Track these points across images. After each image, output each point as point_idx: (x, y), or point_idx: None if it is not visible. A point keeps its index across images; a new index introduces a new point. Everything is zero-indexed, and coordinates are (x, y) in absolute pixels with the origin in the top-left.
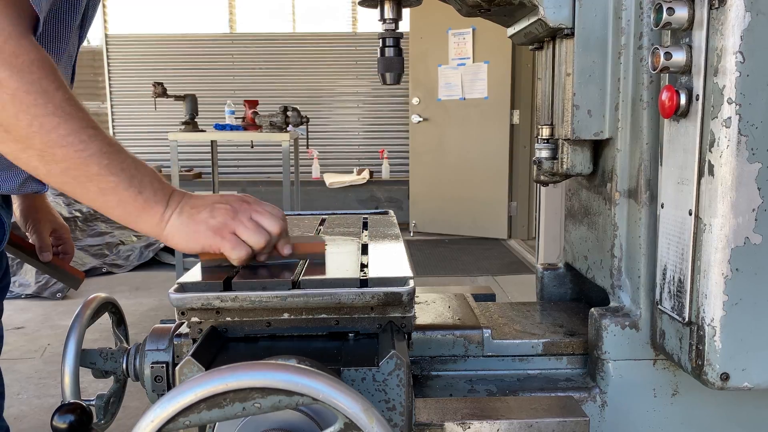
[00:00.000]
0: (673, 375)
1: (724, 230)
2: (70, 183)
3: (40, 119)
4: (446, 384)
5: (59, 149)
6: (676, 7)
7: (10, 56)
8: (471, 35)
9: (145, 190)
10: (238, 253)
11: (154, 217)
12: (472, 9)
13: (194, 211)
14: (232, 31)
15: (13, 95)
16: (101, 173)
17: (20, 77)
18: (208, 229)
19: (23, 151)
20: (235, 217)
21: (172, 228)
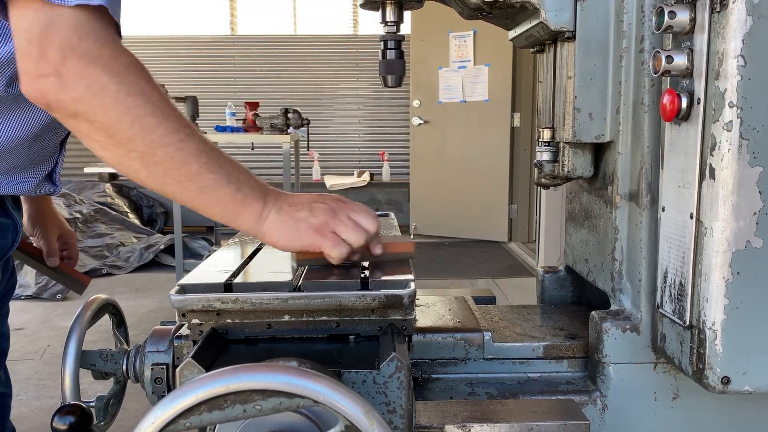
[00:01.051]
0: (673, 378)
1: (725, 234)
2: (170, 184)
3: (141, 120)
4: (447, 387)
5: (160, 149)
6: (677, 10)
7: (109, 61)
8: (472, 38)
9: (243, 187)
10: (339, 251)
11: (253, 215)
12: (474, 12)
13: (293, 209)
14: (233, 33)
15: (115, 98)
16: (200, 171)
17: (120, 80)
18: (309, 227)
19: (125, 155)
20: (335, 216)
21: (271, 226)
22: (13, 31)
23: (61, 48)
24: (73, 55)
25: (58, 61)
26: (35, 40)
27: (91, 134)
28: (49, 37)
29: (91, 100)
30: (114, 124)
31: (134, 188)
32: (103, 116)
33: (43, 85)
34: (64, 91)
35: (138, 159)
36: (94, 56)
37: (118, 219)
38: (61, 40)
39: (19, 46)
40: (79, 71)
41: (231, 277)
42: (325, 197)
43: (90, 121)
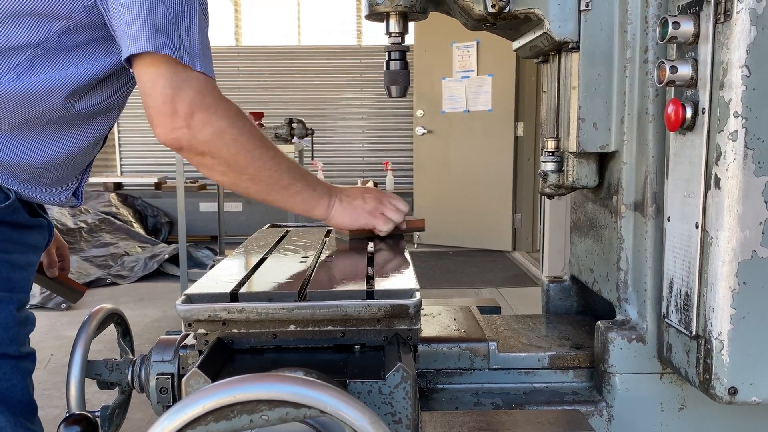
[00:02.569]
0: (680, 389)
1: (730, 243)
2: (272, 194)
3: (252, 153)
4: (452, 397)
5: (265, 172)
6: (681, 21)
7: (224, 110)
8: (475, 48)
9: (317, 187)
10: (388, 227)
11: (323, 206)
12: (478, 23)
13: (350, 198)
14: (237, 44)
15: (234, 139)
16: (291, 182)
17: (234, 124)
18: (365, 211)
19: (240, 178)
20: (381, 202)
21: (337, 212)
22: (145, 89)
23: (190, 105)
24: (200, 109)
25: (188, 115)
26: (169, 100)
27: (214, 166)
28: (181, 96)
29: (216, 142)
30: (233, 158)
31: (139, 198)
32: (225, 153)
33: (178, 135)
34: (195, 138)
35: (249, 180)
36: (215, 108)
37: (123, 228)
38: (191, 98)
39: (153, 103)
40: (205, 121)
41: (237, 286)
42: (369, 189)
43: (214, 158)
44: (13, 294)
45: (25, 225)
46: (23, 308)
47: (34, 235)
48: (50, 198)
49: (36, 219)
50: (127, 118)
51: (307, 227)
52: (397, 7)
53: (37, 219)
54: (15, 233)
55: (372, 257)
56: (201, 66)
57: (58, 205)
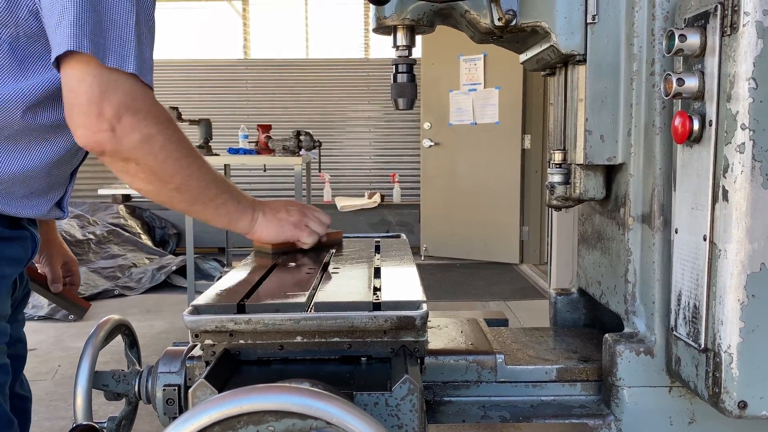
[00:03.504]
0: (689, 402)
1: (739, 256)
2: (197, 205)
3: (179, 161)
4: (459, 410)
5: (192, 181)
6: (688, 34)
7: (155, 116)
8: (482, 61)
9: (242, 200)
10: (312, 239)
11: (247, 219)
12: (485, 36)
13: (274, 212)
14: (246, 57)
15: (162, 146)
16: (217, 193)
17: (164, 131)
18: (289, 224)
19: (165, 187)
20: (305, 215)
21: (261, 225)
22: (69, 85)
23: (118, 107)
24: (128, 112)
25: (115, 118)
26: (95, 100)
27: (137, 173)
28: (108, 98)
29: (143, 148)
30: (160, 166)
31: (147, 210)
32: (152, 160)
33: (102, 138)
34: (120, 143)
35: (175, 190)
36: (145, 113)
37: (131, 240)
38: (119, 100)
39: (76, 101)
40: (133, 126)
41: (244, 297)
42: (293, 203)
43: (139, 165)
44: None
45: (2, 237)
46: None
47: (12, 248)
48: (27, 211)
49: (16, 231)
50: None
51: None
52: (405, 21)
53: (18, 231)
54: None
55: (379, 269)
56: (135, 69)
57: (37, 218)
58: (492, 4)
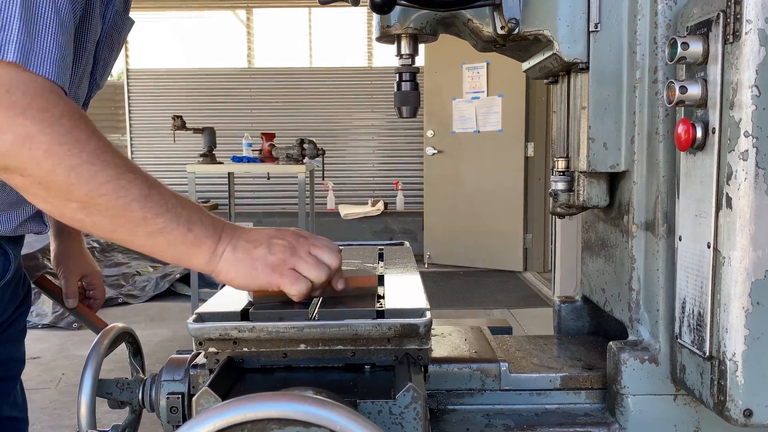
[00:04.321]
0: (694, 411)
1: (743, 263)
2: (118, 231)
3: (77, 170)
4: (463, 418)
5: (100, 198)
6: (690, 42)
7: (39, 112)
8: (485, 69)
9: (195, 227)
10: (298, 288)
11: (206, 253)
12: (488, 44)
13: (250, 246)
14: (250, 66)
15: (47, 150)
16: (147, 217)
17: (51, 130)
18: (266, 266)
19: (66, 206)
20: (294, 252)
21: (227, 263)
22: None
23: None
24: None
25: None
26: None
27: (27, 187)
28: None
29: (19, 153)
30: (48, 176)
31: None
32: (35, 168)
33: None
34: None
35: (80, 209)
36: (23, 108)
37: None
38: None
39: None
40: (4, 124)
41: (248, 305)
42: (285, 232)
43: (23, 175)
44: None
45: None
46: None
47: None
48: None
49: None
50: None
51: None
52: (408, 30)
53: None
54: None
55: (382, 277)
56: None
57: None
58: (494, 12)
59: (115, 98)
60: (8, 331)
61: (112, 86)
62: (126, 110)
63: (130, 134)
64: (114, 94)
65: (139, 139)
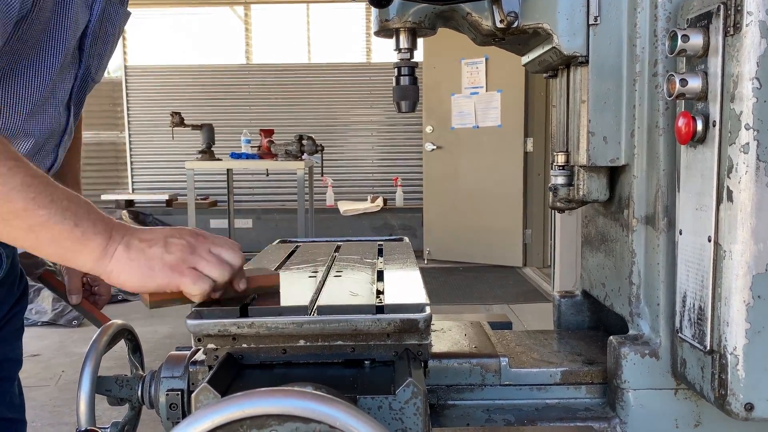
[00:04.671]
0: (695, 405)
1: (744, 257)
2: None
3: None
4: (463, 413)
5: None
6: (690, 34)
7: None
8: (484, 64)
9: (82, 222)
10: (200, 287)
11: (94, 252)
12: (487, 38)
13: (144, 245)
14: (248, 62)
15: None
16: (28, 208)
17: None
18: (164, 266)
19: None
20: (194, 251)
21: (119, 264)
22: None
23: None
24: None
25: None
26: None
27: None
28: None
29: None
30: None
31: (150, 215)
32: None
33: None
34: None
35: None
36: None
37: None
38: None
39: None
40: None
41: (247, 301)
42: (182, 231)
43: None
44: None
45: None
46: None
47: None
48: None
49: None
50: (138, 136)
51: (317, 242)
52: (407, 24)
53: None
54: None
55: (382, 272)
56: None
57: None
58: (493, 6)
59: (114, 95)
60: (3, 330)
61: (111, 83)
62: (124, 107)
63: (128, 131)
64: (112, 91)
65: (138, 136)
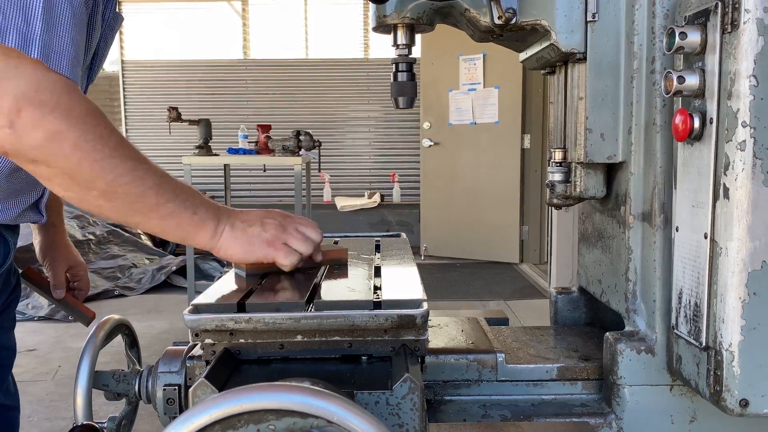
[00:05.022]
0: (690, 401)
1: (740, 254)
2: (134, 215)
3: (101, 163)
4: (460, 409)
5: (120, 187)
6: (688, 31)
7: (67, 110)
8: (482, 61)
9: (199, 210)
10: (291, 260)
11: (207, 232)
12: (485, 34)
13: (245, 224)
14: (246, 57)
15: (74, 144)
16: (159, 202)
17: (78, 127)
18: (262, 241)
19: (87, 194)
20: (285, 230)
21: (226, 241)
22: None
23: (17, 99)
24: (30, 105)
25: (13, 112)
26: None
27: (51, 177)
28: (5, 87)
29: (49, 147)
30: (74, 168)
31: None
32: (63, 162)
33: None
34: (21, 142)
35: (100, 197)
36: (53, 107)
37: (131, 240)
38: (18, 91)
39: None
40: (35, 121)
41: (244, 296)
42: (273, 213)
43: (50, 167)
44: None
45: None
46: None
47: None
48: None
49: None
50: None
51: None
52: (405, 19)
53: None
54: None
55: (379, 268)
56: (40, 53)
57: (7, 223)
58: (492, 2)
59: (111, 90)
60: (1, 318)
61: (107, 78)
62: (121, 102)
63: (125, 126)
64: (109, 86)
65: (135, 131)
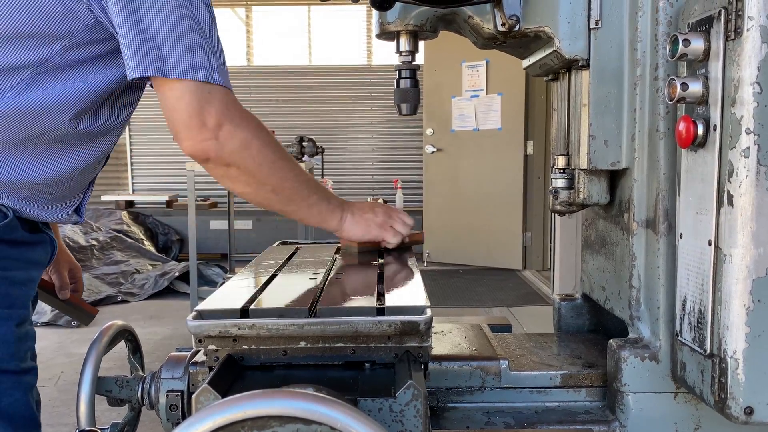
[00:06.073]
0: (695, 409)
1: (744, 261)
2: (291, 205)
3: (274, 164)
4: (463, 416)
5: (287, 183)
6: (691, 38)
7: (248, 123)
8: (485, 67)
9: (331, 200)
10: (396, 239)
11: (336, 218)
12: (488, 42)
13: (361, 212)
14: (249, 64)
15: (259, 150)
16: (309, 194)
17: (259, 136)
18: (375, 224)
19: (262, 188)
20: (390, 216)
21: (349, 224)
22: (169, 105)
23: (218, 117)
24: (227, 120)
25: (216, 127)
26: (196, 114)
27: (239, 177)
28: (208, 110)
29: (242, 153)
30: (258, 169)
31: (150, 216)
32: (251, 164)
33: (206, 147)
34: (222, 150)
35: (271, 191)
36: (239, 120)
37: (134, 246)
38: (218, 111)
39: (179, 118)
40: (231, 133)
41: (247, 303)
42: (378, 204)
43: (239, 168)
44: (13, 310)
45: (25, 242)
46: (24, 324)
47: (35, 251)
48: (50, 215)
49: (37, 235)
50: (139, 137)
51: (317, 244)
52: (408, 26)
53: (38, 235)
54: (14, 250)
55: (382, 274)
56: (220, 79)
57: (59, 222)
58: (495, 9)
59: None
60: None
61: None
62: None
63: (129, 132)
64: None
65: (139, 137)
